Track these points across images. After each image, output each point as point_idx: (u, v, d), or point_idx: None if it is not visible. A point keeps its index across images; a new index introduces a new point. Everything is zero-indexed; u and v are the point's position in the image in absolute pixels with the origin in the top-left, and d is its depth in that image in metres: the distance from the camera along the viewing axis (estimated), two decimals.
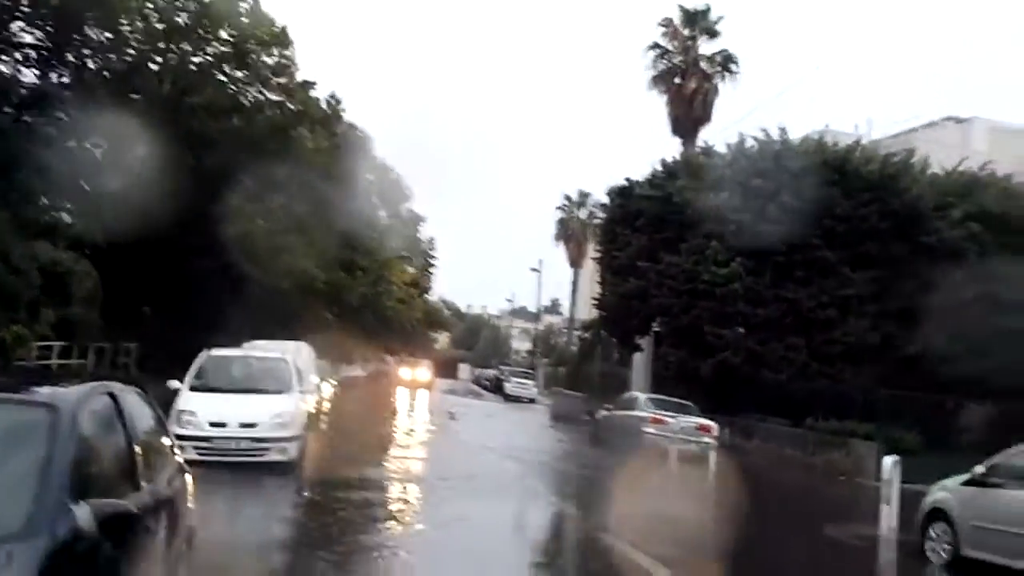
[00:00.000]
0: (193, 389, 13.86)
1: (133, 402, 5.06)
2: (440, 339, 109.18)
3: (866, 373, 24.49)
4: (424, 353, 75.35)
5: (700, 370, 26.37)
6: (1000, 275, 22.84)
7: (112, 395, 4.65)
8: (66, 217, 34.39)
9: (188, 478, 5.81)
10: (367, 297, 48.83)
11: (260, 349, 19.20)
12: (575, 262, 69.86)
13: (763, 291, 25.20)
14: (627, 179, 31.87)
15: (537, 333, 74.61)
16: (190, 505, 5.76)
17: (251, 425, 13.10)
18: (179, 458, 5.83)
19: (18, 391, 4.44)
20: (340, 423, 23.52)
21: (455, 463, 17.66)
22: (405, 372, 56.14)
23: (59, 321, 22.81)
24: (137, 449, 4.73)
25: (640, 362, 35.31)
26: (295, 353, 18.49)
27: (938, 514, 11.08)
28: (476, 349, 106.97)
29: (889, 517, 12.89)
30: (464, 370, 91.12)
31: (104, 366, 26.93)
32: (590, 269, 65.09)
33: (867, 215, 24.97)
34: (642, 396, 24.51)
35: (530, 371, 62.49)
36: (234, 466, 12.12)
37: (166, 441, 5.69)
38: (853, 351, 25.01)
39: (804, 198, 25.25)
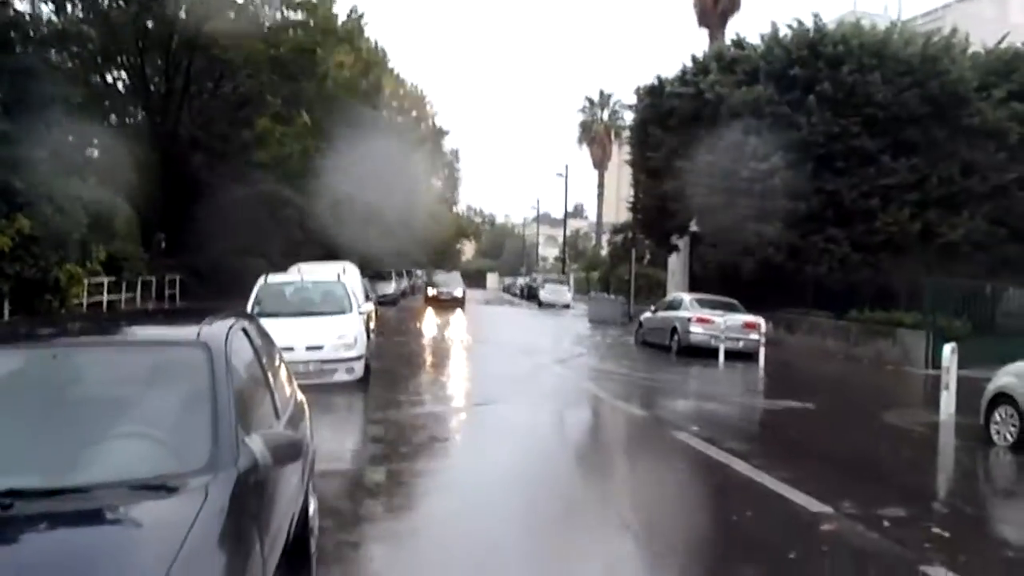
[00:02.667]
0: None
1: (256, 334, 5.19)
2: (466, 250, 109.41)
3: (907, 262, 24.40)
4: (452, 265, 75.77)
5: (741, 268, 26.31)
6: None
7: (245, 330, 4.79)
8: (95, 152, 34.57)
9: (304, 400, 5.97)
10: (399, 214, 48.89)
11: (307, 271, 19.29)
12: (599, 164, 69.43)
13: (803, 184, 24.89)
14: (657, 77, 31.15)
15: (565, 239, 74.51)
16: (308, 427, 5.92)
17: (317, 347, 13.32)
18: (295, 383, 5.98)
19: (167, 333, 4.59)
20: (390, 340, 23.86)
21: (511, 373, 17.89)
22: (437, 285, 56.38)
23: (106, 257, 23.09)
24: (271, 378, 4.89)
25: (676, 263, 35.30)
26: (342, 273, 18.57)
27: (1003, 398, 11.23)
28: (502, 259, 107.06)
29: (949, 403, 13.15)
30: (492, 280, 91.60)
31: (150, 297, 27.35)
32: (615, 171, 64.74)
33: (907, 100, 24.47)
34: (687, 296, 24.53)
35: (563, 277, 62.58)
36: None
37: (284, 368, 5.84)
38: (894, 241, 24.84)
39: (842, 86, 24.86)
